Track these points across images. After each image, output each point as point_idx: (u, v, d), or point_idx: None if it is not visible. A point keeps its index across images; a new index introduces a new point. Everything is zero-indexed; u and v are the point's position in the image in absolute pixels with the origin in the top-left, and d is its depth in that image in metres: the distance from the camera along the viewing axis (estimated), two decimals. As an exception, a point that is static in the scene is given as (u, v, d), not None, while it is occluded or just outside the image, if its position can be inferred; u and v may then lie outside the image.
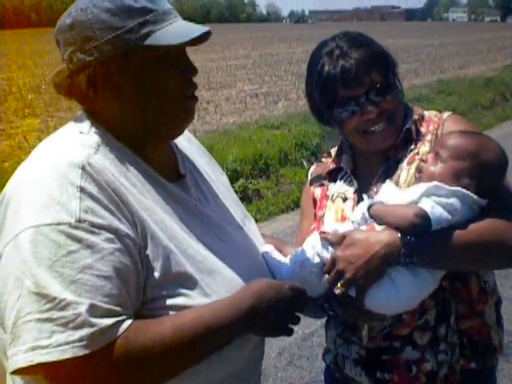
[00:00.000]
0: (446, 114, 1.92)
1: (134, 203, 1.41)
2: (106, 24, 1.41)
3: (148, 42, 1.41)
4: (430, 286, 1.69)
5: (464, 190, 1.67)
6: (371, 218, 1.69)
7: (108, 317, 1.28)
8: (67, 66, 1.47)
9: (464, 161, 1.71)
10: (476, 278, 1.83)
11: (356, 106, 1.82)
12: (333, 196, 1.99)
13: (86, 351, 1.25)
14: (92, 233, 1.31)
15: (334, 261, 1.67)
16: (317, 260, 1.70)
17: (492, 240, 1.66)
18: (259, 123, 11.74)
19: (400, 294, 1.64)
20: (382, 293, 1.65)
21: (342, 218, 1.91)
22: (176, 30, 1.44)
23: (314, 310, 1.81)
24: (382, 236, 1.65)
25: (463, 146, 1.72)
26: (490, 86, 17.25)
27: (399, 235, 1.62)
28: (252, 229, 1.79)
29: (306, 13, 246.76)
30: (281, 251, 1.77)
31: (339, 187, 2.00)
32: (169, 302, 1.40)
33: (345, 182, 1.99)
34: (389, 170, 1.88)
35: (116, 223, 1.35)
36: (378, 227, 1.69)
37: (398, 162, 1.88)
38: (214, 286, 1.47)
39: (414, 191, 1.71)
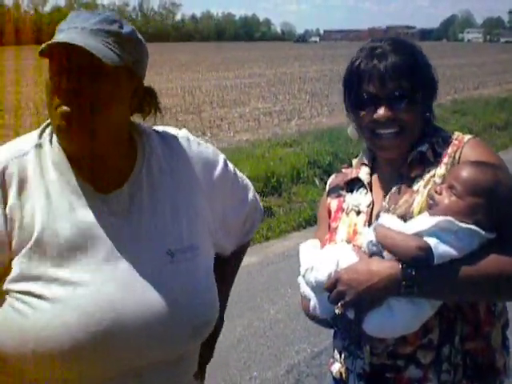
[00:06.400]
0: (466, 138, 1.87)
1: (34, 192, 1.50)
2: None
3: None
4: (426, 313, 1.69)
5: (477, 229, 1.64)
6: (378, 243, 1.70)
7: None
8: None
9: (479, 197, 1.67)
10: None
11: (371, 102, 1.84)
12: (347, 209, 2.00)
13: None
14: None
15: (336, 280, 1.70)
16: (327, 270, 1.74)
17: (495, 275, 1.63)
18: (272, 141, 11.80)
19: (396, 320, 1.66)
20: (378, 318, 1.67)
21: (353, 232, 1.92)
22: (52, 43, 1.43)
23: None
24: (383, 267, 1.67)
25: (479, 182, 1.68)
26: (505, 106, 17.24)
27: (400, 267, 1.64)
28: (188, 265, 1.59)
29: (321, 32, 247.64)
30: None
31: (354, 199, 2.00)
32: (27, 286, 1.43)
33: (360, 193, 2.00)
34: (401, 189, 1.87)
35: None
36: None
37: (412, 181, 1.86)
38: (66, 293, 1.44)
39: (424, 222, 1.68)
